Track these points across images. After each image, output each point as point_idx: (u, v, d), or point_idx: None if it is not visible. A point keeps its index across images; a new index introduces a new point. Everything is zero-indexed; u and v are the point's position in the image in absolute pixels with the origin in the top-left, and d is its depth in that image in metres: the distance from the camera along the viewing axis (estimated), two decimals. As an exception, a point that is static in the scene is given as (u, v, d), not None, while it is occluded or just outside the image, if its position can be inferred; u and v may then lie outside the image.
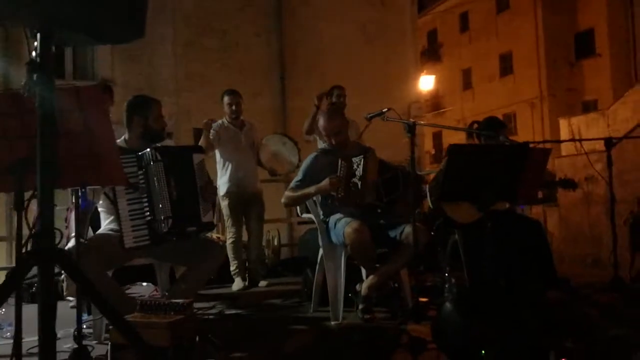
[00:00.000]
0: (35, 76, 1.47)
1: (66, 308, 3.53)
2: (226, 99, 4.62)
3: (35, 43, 1.48)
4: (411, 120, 3.01)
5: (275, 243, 5.56)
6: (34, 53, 1.49)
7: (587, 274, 5.06)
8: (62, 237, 1.53)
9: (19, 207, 1.64)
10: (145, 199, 2.67)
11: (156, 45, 8.95)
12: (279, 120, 9.69)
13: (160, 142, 2.93)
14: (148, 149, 2.70)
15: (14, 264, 4.68)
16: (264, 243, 5.23)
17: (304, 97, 9.06)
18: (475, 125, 3.70)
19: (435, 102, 25.30)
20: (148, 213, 2.67)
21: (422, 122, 3.10)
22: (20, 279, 1.45)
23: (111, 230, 2.84)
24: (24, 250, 1.51)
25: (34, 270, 4.03)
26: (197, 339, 2.16)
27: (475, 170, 2.86)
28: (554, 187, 4.15)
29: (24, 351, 1.80)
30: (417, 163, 11.50)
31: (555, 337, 2.32)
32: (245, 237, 4.74)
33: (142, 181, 2.66)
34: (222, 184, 4.59)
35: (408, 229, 3.04)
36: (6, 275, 1.46)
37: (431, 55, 25.49)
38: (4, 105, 1.73)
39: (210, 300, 4.00)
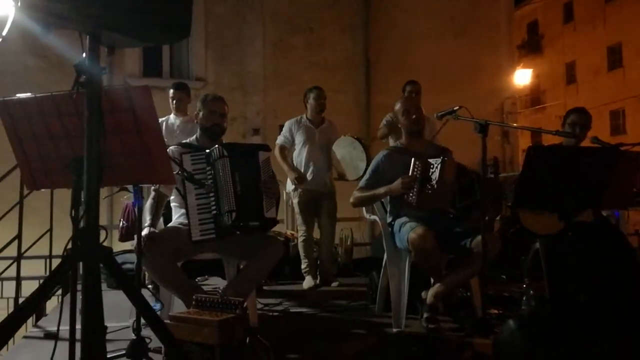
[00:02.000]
0: (83, 77, 1.51)
1: (146, 295, 3.72)
2: (313, 93, 4.63)
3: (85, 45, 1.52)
4: (484, 120, 2.80)
5: (348, 242, 5.50)
6: (83, 54, 1.54)
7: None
8: (107, 235, 1.57)
9: (76, 203, 1.70)
10: (213, 194, 2.74)
11: (246, 44, 9.24)
12: (362, 117, 9.63)
13: (215, 139, 2.97)
14: (216, 146, 2.77)
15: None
16: (337, 241, 5.19)
17: (389, 94, 8.92)
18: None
19: (535, 97, 23.91)
20: (214, 207, 2.73)
21: (493, 121, 2.88)
22: (64, 274, 1.51)
23: (180, 224, 2.94)
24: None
25: (121, 258, 4.31)
26: (248, 339, 2.16)
27: (556, 175, 2.61)
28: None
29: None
30: (509, 163, 10.84)
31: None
32: (317, 235, 4.74)
33: (210, 177, 2.73)
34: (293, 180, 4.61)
35: (479, 237, 2.85)
36: (51, 271, 1.53)
37: (531, 47, 24.10)
38: (65, 105, 1.81)
39: (279, 296, 4.04)
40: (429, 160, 3.02)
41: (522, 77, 16.32)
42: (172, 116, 4.29)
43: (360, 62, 9.73)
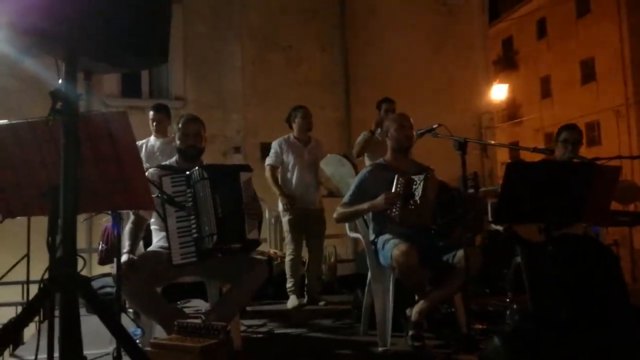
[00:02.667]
0: (59, 104, 1.49)
1: (126, 320, 3.64)
2: (300, 113, 4.64)
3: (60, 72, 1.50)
4: (463, 137, 2.83)
5: (332, 259, 5.48)
6: (60, 81, 1.52)
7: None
8: (85, 263, 1.54)
9: (52, 232, 1.67)
10: (193, 217, 2.71)
11: (225, 62, 9.24)
12: (343, 133, 9.66)
13: (194, 161, 2.95)
14: (196, 168, 2.74)
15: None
16: (321, 259, 5.17)
17: (369, 109, 8.95)
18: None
19: (512, 111, 24.32)
20: (195, 230, 2.70)
21: (471, 138, 2.92)
22: (41, 305, 1.48)
23: (161, 247, 2.89)
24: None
25: (100, 282, 4.22)
26: (231, 364, 2.12)
27: (535, 190, 2.64)
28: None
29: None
30: (488, 176, 10.97)
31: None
32: (304, 254, 4.71)
33: (190, 199, 2.70)
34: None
35: (461, 252, 2.86)
36: (28, 302, 1.49)
37: (506, 63, 24.59)
38: (42, 132, 1.78)
39: (263, 317, 3.99)
40: (412, 177, 3.05)
41: (499, 92, 16.62)
42: (152, 138, 4.26)
43: (339, 78, 9.79)
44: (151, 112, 4.33)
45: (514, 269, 3.69)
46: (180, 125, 3.01)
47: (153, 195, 2.55)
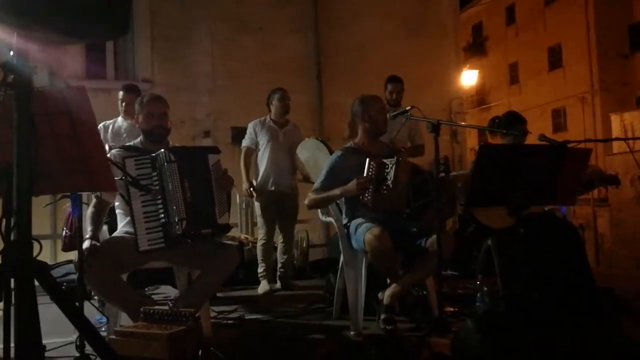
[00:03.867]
0: (10, 77, 1.38)
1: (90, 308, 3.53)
2: (277, 94, 4.57)
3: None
4: (436, 119, 2.80)
5: (304, 244, 5.44)
6: (11, 53, 1.41)
7: None
8: (41, 248, 1.45)
9: (7, 214, 1.56)
10: (160, 201, 2.61)
11: (194, 44, 9.00)
12: (315, 118, 9.58)
13: (160, 142, 2.83)
14: (162, 150, 2.64)
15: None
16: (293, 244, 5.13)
17: (341, 95, 8.93)
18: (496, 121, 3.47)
19: (481, 97, 24.62)
20: (163, 215, 2.61)
21: (444, 120, 2.90)
22: (-6, 292, 1.38)
23: (126, 232, 2.79)
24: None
25: (65, 269, 4.08)
26: (200, 352, 2.06)
27: (507, 172, 2.64)
28: (595, 185, 3.82)
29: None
30: (458, 161, 11.14)
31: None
32: (276, 239, 4.66)
33: (156, 183, 2.60)
34: (256, 180, 4.52)
35: (433, 236, 2.85)
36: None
37: (476, 49, 24.82)
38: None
39: (233, 303, 3.93)
40: (383, 160, 3.00)
41: (469, 78, 16.76)
42: (119, 119, 4.10)
43: (312, 62, 9.68)
44: (121, 93, 4.16)
45: (484, 252, 3.72)
46: (143, 105, 2.88)
47: (116, 178, 2.47)
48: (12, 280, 1.45)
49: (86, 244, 2.48)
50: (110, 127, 4.02)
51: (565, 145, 2.83)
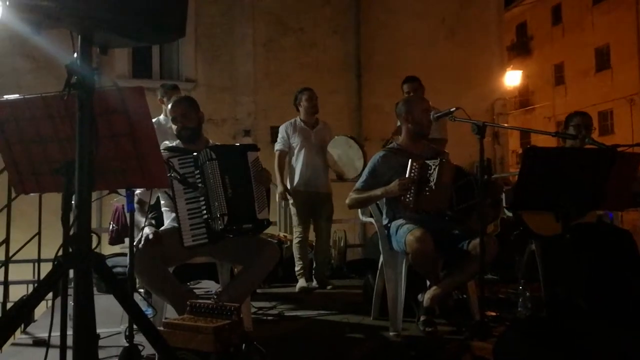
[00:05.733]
0: (74, 78, 1.46)
1: (138, 299, 3.65)
2: (305, 95, 4.60)
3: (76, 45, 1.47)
4: (481, 121, 2.77)
5: (342, 244, 5.46)
6: (75, 55, 1.48)
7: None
8: (99, 241, 1.52)
9: (66, 208, 1.64)
10: (203, 198, 2.69)
11: (237, 44, 9.17)
12: (354, 118, 9.60)
13: (192, 141, 2.90)
14: (205, 149, 2.72)
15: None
16: (330, 243, 5.16)
17: (380, 95, 8.94)
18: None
19: (524, 98, 24.06)
20: (205, 211, 2.68)
21: (489, 122, 2.84)
22: (56, 281, 1.46)
23: (172, 227, 2.88)
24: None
25: (111, 262, 4.23)
26: (244, 346, 2.11)
27: (554, 176, 2.58)
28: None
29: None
30: (499, 163, 10.90)
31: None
32: (312, 237, 4.70)
33: (199, 180, 2.68)
34: (293, 182, 4.57)
35: (476, 240, 2.81)
36: (42, 278, 1.47)
37: (520, 49, 24.24)
38: (55, 107, 1.75)
39: (272, 300, 3.99)
40: (426, 161, 2.99)
41: (512, 78, 16.40)
42: (162, 117, 4.22)
43: (351, 63, 9.71)
44: (162, 91, 4.28)
45: (527, 257, 3.65)
46: (169, 111, 2.97)
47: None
48: (71, 272, 1.53)
49: (147, 230, 2.60)
50: (155, 126, 4.13)
51: (614, 149, 2.75)
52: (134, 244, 2.46)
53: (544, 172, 2.58)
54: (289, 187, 4.57)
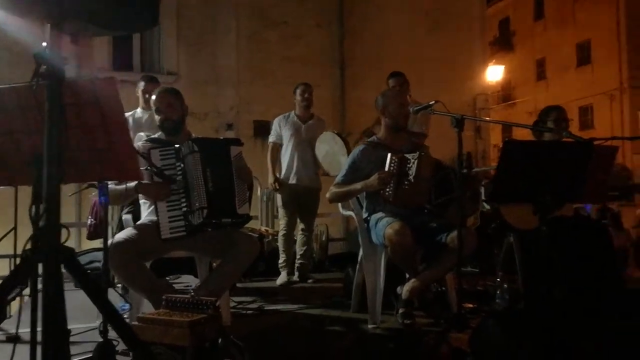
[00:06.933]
0: (43, 67, 1.42)
1: (114, 295, 3.61)
2: (298, 89, 4.63)
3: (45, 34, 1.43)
4: (460, 114, 2.78)
5: (324, 238, 5.47)
6: (44, 44, 1.45)
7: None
8: (69, 234, 1.49)
9: (36, 201, 1.61)
10: (183, 191, 2.67)
11: (219, 37, 9.07)
12: (337, 112, 9.58)
13: (175, 133, 2.86)
14: (187, 141, 2.69)
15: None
16: (312, 237, 5.16)
17: (364, 88, 8.91)
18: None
19: (506, 93, 24.24)
20: (185, 204, 2.66)
21: (468, 115, 2.86)
22: (24, 276, 1.43)
23: (150, 221, 2.85)
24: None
25: (89, 257, 4.17)
26: (220, 340, 2.10)
27: (532, 169, 2.61)
28: (631, 191, 3.74)
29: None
30: (481, 157, 10.98)
31: (606, 357, 2.06)
32: (296, 231, 4.70)
33: (179, 172, 2.66)
34: (279, 174, 4.57)
35: (454, 232, 2.84)
36: (10, 272, 1.44)
37: (502, 44, 24.40)
38: (25, 97, 1.71)
39: (253, 294, 3.98)
40: (405, 155, 3.00)
41: (494, 73, 16.51)
42: (139, 110, 4.16)
43: (335, 56, 9.67)
44: (142, 83, 4.22)
45: (505, 249, 3.68)
46: (153, 102, 2.93)
47: (142, 168, 2.52)
48: (40, 266, 1.50)
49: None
50: (130, 118, 4.08)
51: (591, 142, 2.78)
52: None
53: (522, 165, 2.60)
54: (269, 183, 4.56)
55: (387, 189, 2.98)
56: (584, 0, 20.48)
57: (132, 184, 2.55)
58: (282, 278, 4.48)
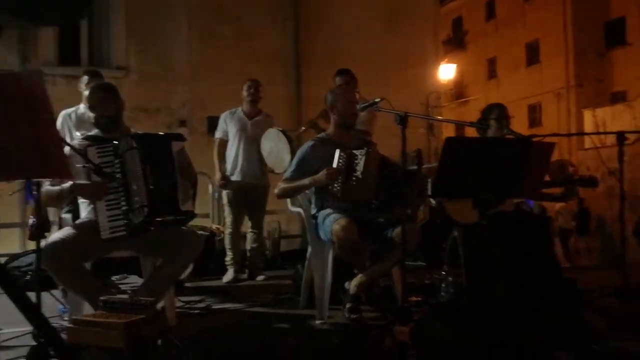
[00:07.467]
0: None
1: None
2: (245, 85, 4.57)
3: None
4: (404, 111, 2.81)
5: (276, 235, 5.45)
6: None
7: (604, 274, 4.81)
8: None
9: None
10: (122, 189, 2.59)
11: (171, 31, 8.86)
12: (293, 109, 9.54)
13: (111, 129, 2.78)
14: (125, 137, 2.62)
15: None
16: (264, 234, 5.13)
17: (320, 86, 8.85)
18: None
19: (459, 91, 24.80)
20: (124, 203, 2.59)
21: (412, 113, 2.89)
22: None
23: (90, 220, 2.76)
24: None
25: (30, 258, 4.01)
26: (160, 341, 2.05)
27: (473, 165, 2.67)
28: (573, 185, 3.87)
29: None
30: (434, 154, 11.20)
31: (547, 350, 2.14)
32: (245, 229, 4.65)
33: (118, 170, 2.58)
34: (225, 171, 4.51)
35: (399, 228, 2.88)
36: None
37: (456, 43, 24.94)
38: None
39: (202, 293, 3.92)
40: (353, 151, 3.03)
41: (447, 71, 16.84)
42: (82, 106, 4.02)
43: (290, 53, 9.63)
44: (85, 78, 4.06)
45: (450, 244, 3.76)
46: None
47: (79, 165, 2.44)
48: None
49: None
50: (73, 114, 3.94)
51: (529, 138, 2.87)
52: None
53: (463, 162, 2.66)
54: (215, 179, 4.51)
55: (335, 185, 3.00)
56: (534, 1, 21.16)
57: (68, 184, 2.46)
58: (228, 276, 4.44)
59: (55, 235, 2.58)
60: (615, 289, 3.45)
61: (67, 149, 2.58)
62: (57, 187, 2.47)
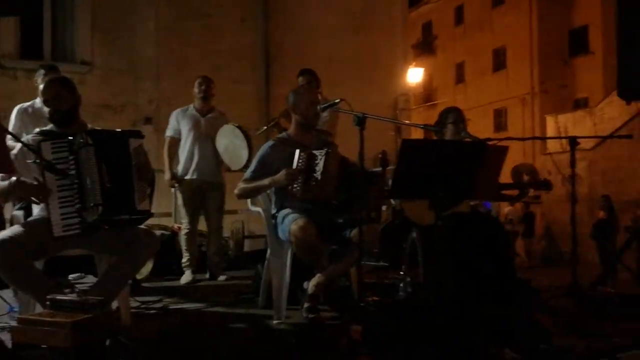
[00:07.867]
0: None
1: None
2: (196, 81, 4.52)
3: None
4: (362, 113, 2.84)
5: (240, 235, 5.42)
6: None
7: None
8: None
9: None
10: (76, 186, 2.54)
11: (137, 26, 8.70)
12: (262, 108, 9.50)
13: (66, 124, 2.71)
14: (81, 132, 2.56)
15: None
16: (227, 234, 5.10)
17: (289, 85, 8.81)
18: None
19: (428, 94, 25.15)
20: (78, 200, 2.53)
21: (370, 115, 2.91)
22: None
23: (42, 217, 2.69)
24: None
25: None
26: (108, 341, 2.02)
27: (429, 167, 2.72)
28: (526, 187, 3.98)
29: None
30: (393, 157, 11.34)
31: (493, 347, 2.19)
32: (203, 228, 4.61)
33: (72, 167, 2.52)
34: (178, 171, 4.46)
35: (357, 228, 2.90)
36: None
37: (425, 47, 25.31)
38: None
39: (162, 293, 3.87)
40: (313, 152, 3.05)
41: (415, 75, 17.08)
42: (37, 100, 3.92)
43: (260, 52, 9.58)
44: (42, 72, 3.96)
45: (410, 244, 3.82)
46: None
47: (29, 161, 2.39)
48: None
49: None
50: (30, 109, 3.84)
51: (484, 142, 2.94)
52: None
53: (419, 163, 2.71)
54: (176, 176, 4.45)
55: (295, 185, 3.00)
56: (501, 7, 21.64)
57: (13, 179, 2.39)
58: (186, 277, 4.38)
59: (4, 233, 2.52)
60: (566, 288, 3.56)
61: (18, 144, 2.53)
62: (4, 182, 2.40)
